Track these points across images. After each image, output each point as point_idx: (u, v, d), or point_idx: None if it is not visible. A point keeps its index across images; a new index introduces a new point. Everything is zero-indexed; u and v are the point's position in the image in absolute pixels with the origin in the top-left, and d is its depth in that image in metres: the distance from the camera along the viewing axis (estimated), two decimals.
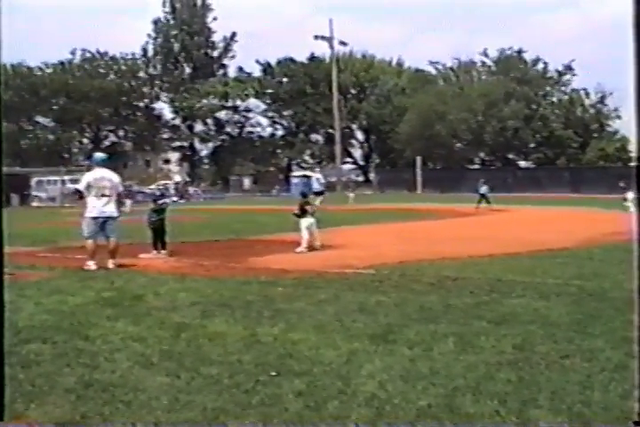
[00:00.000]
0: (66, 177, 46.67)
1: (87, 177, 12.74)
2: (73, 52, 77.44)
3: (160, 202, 14.89)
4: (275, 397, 4.79)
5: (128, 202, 12.73)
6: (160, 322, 7.28)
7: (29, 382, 5.20)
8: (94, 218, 12.20)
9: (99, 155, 13.47)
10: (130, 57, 79.32)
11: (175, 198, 50.22)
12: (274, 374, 5.30)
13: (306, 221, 14.57)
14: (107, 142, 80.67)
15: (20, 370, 5.48)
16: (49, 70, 76.60)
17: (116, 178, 12.71)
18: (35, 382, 5.19)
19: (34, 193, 51.15)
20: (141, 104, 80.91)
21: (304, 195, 16.38)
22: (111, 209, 12.32)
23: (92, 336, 6.66)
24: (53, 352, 6.10)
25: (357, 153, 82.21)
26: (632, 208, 21.95)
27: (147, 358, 5.88)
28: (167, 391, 4.96)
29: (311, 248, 14.33)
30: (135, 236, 15.13)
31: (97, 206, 12.20)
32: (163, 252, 13.97)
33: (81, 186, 12.75)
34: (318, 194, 34.00)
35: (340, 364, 5.57)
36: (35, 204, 48.73)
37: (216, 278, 10.58)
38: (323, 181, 42.02)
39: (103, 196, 12.24)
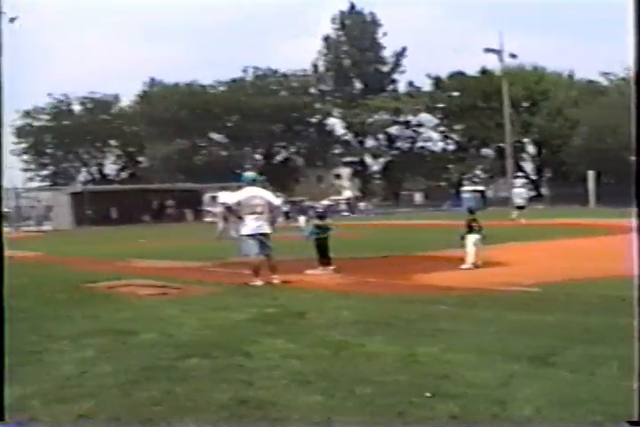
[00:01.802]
0: (238, 192, 48.00)
1: (238, 195, 13.14)
2: (245, 70, 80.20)
3: (324, 219, 15.07)
4: (427, 419, 4.70)
5: (280, 219, 12.98)
6: (320, 340, 7.30)
7: (186, 396, 5.38)
8: (249, 235, 12.50)
9: (249, 174, 13.79)
10: (301, 73, 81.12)
11: (345, 213, 50.77)
12: (429, 395, 5.20)
13: (472, 237, 14.37)
14: (279, 158, 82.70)
15: (178, 385, 5.69)
16: (222, 88, 79.48)
17: (267, 195, 12.93)
18: (191, 397, 5.36)
19: (206, 208, 53.19)
20: (313, 120, 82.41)
21: (471, 211, 16.14)
22: (264, 226, 12.56)
23: (252, 353, 6.75)
24: (212, 368, 6.23)
25: (529, 167, 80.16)
26: None
27: (304, 376, 5.90)
28: (320, 411, 4.97)
29: (475, 265, 14.12)
30: (302, 252, 15.37)
31: (250, 224, 12.49)
32: (329, 268, 14.12)
33: (230, 202, 13.30)
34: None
35: (497, 386, 5.42)
36: (207, 219, 50.59)
37: (380, 296, 10.56)
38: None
39: (254, 213, 12.49)
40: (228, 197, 29.82)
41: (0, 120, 4.92)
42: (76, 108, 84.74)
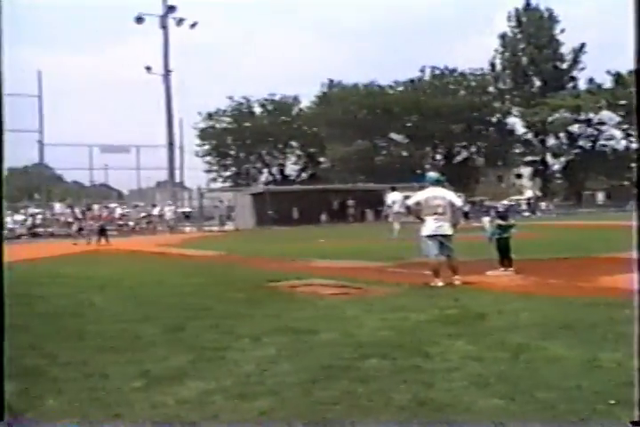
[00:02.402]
0: (419, 193, 47.95)
1: (419, 196, 13.08)
2: (422, 70, 79.95)
3: (507, 219, 14.74)
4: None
5: (461, 220, 12.81)
6: (500, 342, 7.20)
7: (366, 396, 5.40)
8: (429, 236, 12.44)
9: (432, 174, 13.65)
10: (479, 73, 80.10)
11: (526, 213, 49.65)
12: (612, 402, 5.04)
13: None
14: (459, 158, 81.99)
15: (358, 385, 5.72)
16: (400, 88, 79.60)
17: (450, 195, 12.81)
18: (371, 397, 5.37)
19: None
20: (493, 119, 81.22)
21: None
22: (445, 227, 12.44)
23: (432, 354, 6.74)
24: (392, 368, 6.26)
25: None
26: None
27: (483, 378, 5.84)
28: (499, 415, 4.89)
29: None
30: (482, 252, 15.13)
31: (431, 225, 12.42)
32: (510, 269, 13.84)
33: (410, 202, 13.33)
34: None
35: None
36: (389, 219, 50.79)
37: (561, 298, 10.26)
38: None
39: (436, 214, 12.40)
40: (396, 197, 29.99)
41: (0, 120, 5.00)
42: (257, 110, 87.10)
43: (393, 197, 30.78)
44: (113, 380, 6.20)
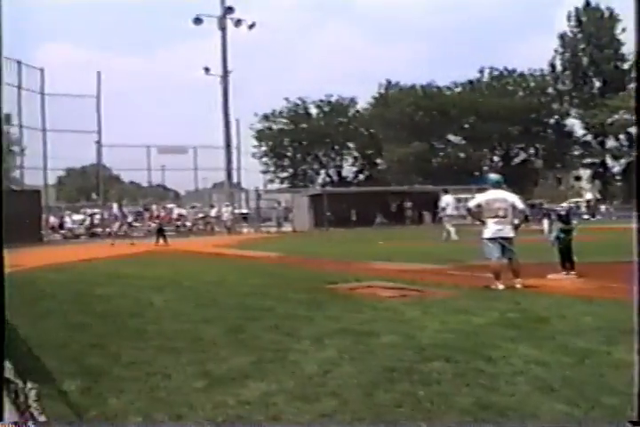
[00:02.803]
0: (476, 195, 47.63)
1: (480, 198, 13.08)
2: (481, 71, 79.31)
3: (569, 222, 14.56)
4: None
5: (517, 222, 12.72)
6: (563, 347, 7.13)
7: (428, 399, 5.37)
8: (490, 239, 12.38)
9: (493, 176, 13.53)
10: (538, 73, 79.13)
11: (586, 216, 48.94)
12: None
13: None
14: (517, 160, 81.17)
15: (420, 387, 5.69)
16: (458, 89, 79.11)
17: (511, 198, 12.70)
18: (433, 401, 5.34)
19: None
20: (551, 121, 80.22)
21: None
22: (506, 230, 12.36)
23: (494, 358, 6.69)
24: (454, 372, 6.23)
25: None
26: None
27: (547, 383, 5.78)
28: (564, 420, 4.84)
29: None
30: (543, 255, 14.96)
31: (491, 228, 12.37)
32: (572, 273, 13.67)
33: (471, 204, 13.30)
34: None
35: None
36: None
37: (624, 302, 10.08)
38: None
39: (497, 217, 12.34)
40: (448, 200, 29.81)
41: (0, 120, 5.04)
42: (313, 111, 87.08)
43: (445, 200, 30.67)
44: (175, 380, 6.26)
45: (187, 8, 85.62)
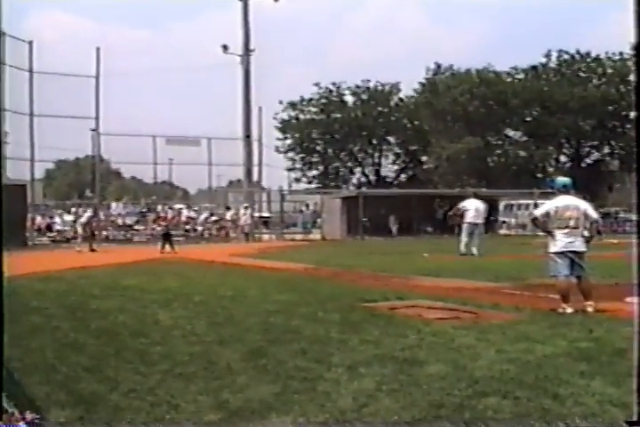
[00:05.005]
0: (539, 201, 47.38)
1: (548, 205, 12.95)
2: (548, 55, 78.38)
3: None
4: None
5: (587, 234, 12.59)
6: None
7: None
8: (558, 253, 12.30)
9: (561, 179, 13.43)
10: (617, 57, 78.22)
11: None
12: None
13: None
14: (588, 161, 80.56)
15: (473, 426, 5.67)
16: (519, 76, 78.49)
17: (584, 206, 12.62)
18: None
19: (501, 218, 52.77)
20: (632, 114, 79.45)
21: None
22: (578, 243, 12.28)
23: (562, 395, 6.63)
24: (514, 410, 6.18)
25: None
26: None
27: None
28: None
29: None
30: (620, 274, 14.84)
31: (560, 240, 12.28)
32: None
33: (537, 212, 13.18)
34: None
35: None
36: (502, 231, 50.28)
37: None
38: None
39: (567, 227, 12.26)
40: (470, 204, 29.15)
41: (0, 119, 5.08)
42: (349, 99, 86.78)
43: (467, 205, 29.53)
44: (183, 411, 6.27)
45: None
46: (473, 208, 28.53)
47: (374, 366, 7.81)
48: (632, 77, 77.96)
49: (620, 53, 77.23)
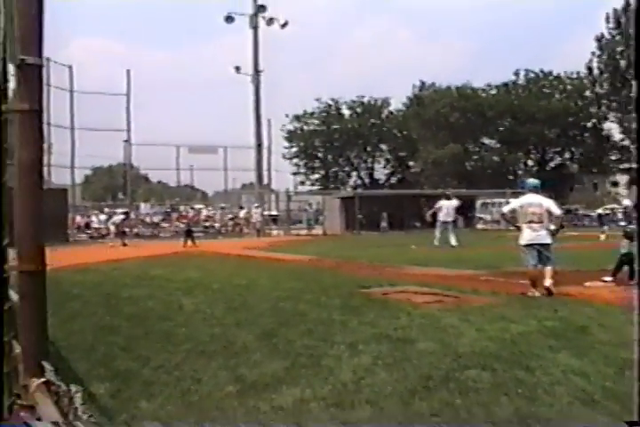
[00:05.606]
0: (511, 199, 47.38)
1: (514, 203, 13.12)
2: (517, 73, 78.62)
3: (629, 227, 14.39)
4: None
5: (552, 227, 12.64)
6: (604, 357, 7.05)
7: (466, 409, 5.34)
8: (526, 246, 12.33)
9: (531, 180, 13.45)
10: (575, 76, 78.42)
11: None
12: None
13: None
14: (552, 164, 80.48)
15: (457, 396, 5.67)
16: (493, 91, 78.58)
17: (547, 203, 12.60)
18: (471, 410, 5.31)
19: (478, 215, 52.88)
20: (589, 125, 79.46)
21: None
22: (542, 236, 12.29)
23: (532, 367, 6.65)
24: (492, 380, 6.19)
25: None
26: None
27: (588, 394, 5.73)
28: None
29: None
30: (580, 263, 14.85)
31: (527, 234, 12.33)
32: (608, 279, 13.52)
33: (505, 209, 13.36)
34: None
35: None
36: (480, 226, 50.39)
37: None
38: None
39: (532, 222, 12.28)
40: (443, 204, 29.27)
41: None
42: (346, 112, 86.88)
43: (441, 205, 29.67)
44: (206, 385, 6.28)
45: (218, 5, 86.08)
46: (445, 209, 28.73)
47: (371, 344, 7.81)
48: (588, 93, 78.31)
49: (577, 73, 77.64)
